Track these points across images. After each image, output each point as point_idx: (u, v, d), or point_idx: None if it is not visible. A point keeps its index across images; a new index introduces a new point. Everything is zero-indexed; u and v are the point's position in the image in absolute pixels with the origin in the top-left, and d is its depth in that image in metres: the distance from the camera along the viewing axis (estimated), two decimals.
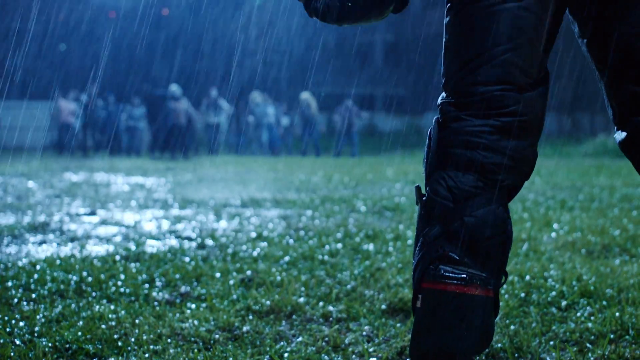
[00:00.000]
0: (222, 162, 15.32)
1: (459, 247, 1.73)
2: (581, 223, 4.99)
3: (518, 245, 4.09)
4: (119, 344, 2.41)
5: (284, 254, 3.89)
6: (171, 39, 25.74)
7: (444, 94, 1.81)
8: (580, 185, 8.42)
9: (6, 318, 2.66)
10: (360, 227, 4.99)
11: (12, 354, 2.27)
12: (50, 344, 2.39)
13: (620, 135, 1.84)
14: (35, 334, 2.51)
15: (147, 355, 2.31)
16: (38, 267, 3.57)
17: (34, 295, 3.04)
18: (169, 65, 24.62)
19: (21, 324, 2.62)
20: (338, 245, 4.21)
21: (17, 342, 2.42)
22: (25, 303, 2.94)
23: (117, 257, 3.89)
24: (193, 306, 2.91)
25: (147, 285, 3.27)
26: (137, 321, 2.65)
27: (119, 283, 3.24)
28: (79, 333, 2.47)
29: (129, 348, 2.37)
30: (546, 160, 14.82)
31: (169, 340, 2.47)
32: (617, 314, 2.64)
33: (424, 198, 1.79)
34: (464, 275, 1.72)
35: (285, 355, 2.33)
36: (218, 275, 3.42)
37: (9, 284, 3.22)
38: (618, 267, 3.50)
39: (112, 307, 2.83)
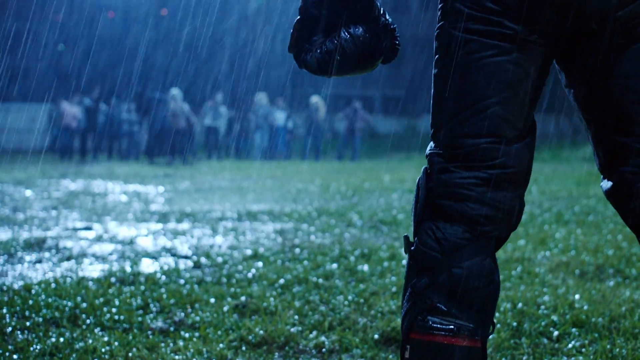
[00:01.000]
0: (220, 167, 15.34)
1: (446, 298, 1.74)
2: (576, 241, 5.01)
3: (512, 267, 4.11)
4: None
5: (279, 276, 3.90)
6: (171, 41, 25.73)
7: (432, 144, 1.83)
8: (577, 196, 8.44)
9: (0, 351, 2.67)
10: (356, 244, 5.00)
11: None
12: None
13: (606, 184, 1.85)
14: None
15: None
16: (33, 291, 3.58)
17: (28, 324, 3.06)
18: (170, 67, 24.61)
19: (15, 356, 2.64)
20: (333, 266, 4.22)
21: None
22: (19, 332, 2.95)
23: (113, 280, 3.90)
24: (187, 335, 2.92)
25: (141, 311, 3.29)
26: (130, 354, 2.66)
27: (114, 310, 3.25)
28: None
29: None
30: (544, 166, 14.84)
31: None
32: (608, 346, 2.66)
33: (412, 248, 1.80)
34: (452, 327, 1.73)
35: None
36: (212, 300, 3.43)
37: (4, 310, 3.23)
38: (611, 291, 3.52)
39: (106, 338, 2.85)
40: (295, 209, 7.22)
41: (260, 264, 4.37)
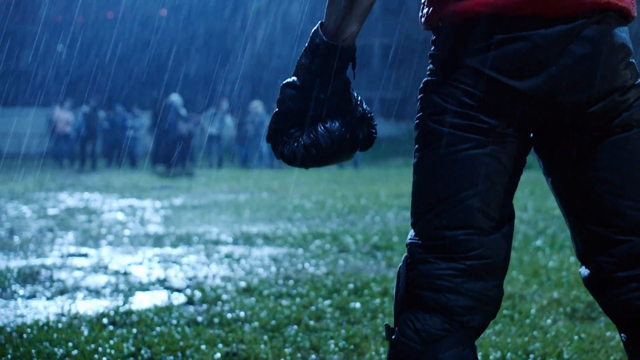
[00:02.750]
0: (219, 177, 15.35)
1: None
2: (568, 272, 5.01)
3: (503, 305, 4.11)
4: None
5: (270, 317, 3.91)
6: (171, 46, 25.74)
7: (412, 232, 1.84)
8: None
9: None
10: (349, 275, 5.01)
11: None
12: None
13: (584, 271, 1.87)
14: None
15: None
16: (25, 335, 3.60)
17: None
18: (169, 72, 24.63)
19: None
20: (325, 303, 4.24)
21: None
22: None
23: (105, 320, 3.91)
24: None
25: (132, 359, 3.30)
26: None
27: (104, 358, 3.26)
28: None
29: None
30: (542, 176, 14.82)
31: None
32: None
33: (393, 337, 1.82)
34: None
35: None
36: (203, 347, 3.44)
37: None
38: (600, 336, 3.53)
39: None
40: (290, 231, 7.23)
41: (252, 299, 4.38)
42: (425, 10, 1.87)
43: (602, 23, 1.74)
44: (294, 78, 1.84)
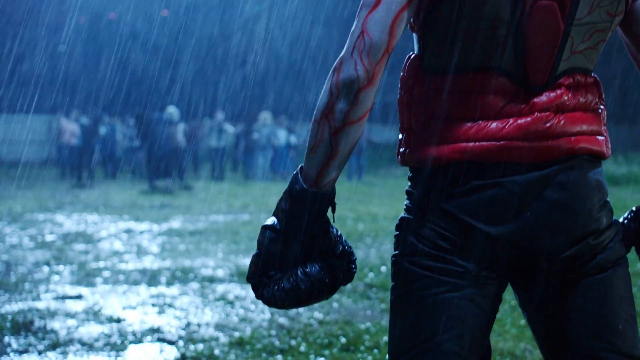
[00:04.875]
0: (219, 193, 15.34)
1: None
2: None
3: None
4: None
5: None
6: (172, 55, 25.72)
7: None
8: None
9: None
10: (341, 325, 5.02)
11: None
12: None
13: None
14: None
15: None
16: None
17: None
18: (169, 84, 24.61)
19: None
20: None
21: None
22: None
23: None
24: None
25: None
26: None
27: None
28: None
29: None
30: None
31: None
32: None
33: None
34: None
35: None
36: None
37: None
38: None
39: None
40: None
41: (245, 355, 4.39)
42: (402, 150, 1.88)
43: (576, 168, 1.75)
44: (275, 221, 1.84)
